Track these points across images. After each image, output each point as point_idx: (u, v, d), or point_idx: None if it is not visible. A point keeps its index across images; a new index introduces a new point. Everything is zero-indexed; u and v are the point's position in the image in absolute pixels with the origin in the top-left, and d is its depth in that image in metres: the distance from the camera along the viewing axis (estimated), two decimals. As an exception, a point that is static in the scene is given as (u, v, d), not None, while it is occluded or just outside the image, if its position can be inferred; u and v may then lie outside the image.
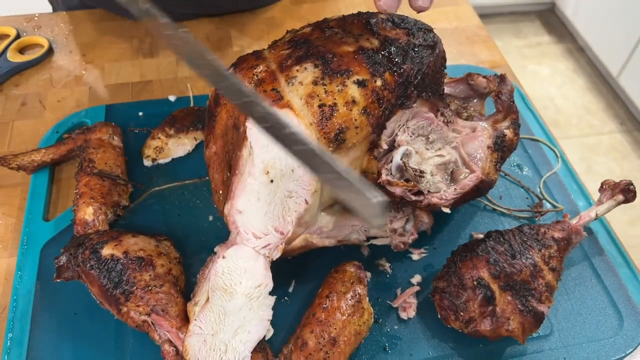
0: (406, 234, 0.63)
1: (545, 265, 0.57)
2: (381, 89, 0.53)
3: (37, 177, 0.71)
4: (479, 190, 0.60)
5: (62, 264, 0.57)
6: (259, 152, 0.52)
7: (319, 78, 0.52)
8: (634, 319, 0.61)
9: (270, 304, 0.55)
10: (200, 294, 0.56)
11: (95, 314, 0.59)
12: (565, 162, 0.76)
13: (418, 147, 0.57)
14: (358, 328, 0.56)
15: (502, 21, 2.94)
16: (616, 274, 0.64)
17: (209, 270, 0.56)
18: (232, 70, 0.56)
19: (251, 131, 0.52)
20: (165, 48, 0.91)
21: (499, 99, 0.64)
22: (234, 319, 0.54)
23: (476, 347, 0.58)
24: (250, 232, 0.54)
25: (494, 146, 0.61)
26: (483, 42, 0.95)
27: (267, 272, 0.55)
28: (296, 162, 0.50)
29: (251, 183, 0.53)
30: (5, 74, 0.84)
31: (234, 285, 0.54)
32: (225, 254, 0.55)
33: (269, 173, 0.52)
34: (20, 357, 0.56)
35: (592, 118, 2.47)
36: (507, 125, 0.63)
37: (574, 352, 0.58)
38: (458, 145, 0.60)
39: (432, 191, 0.57)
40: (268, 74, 0.54)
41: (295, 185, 0.53)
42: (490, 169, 0.60)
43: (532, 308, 0.55)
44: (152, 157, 0.73)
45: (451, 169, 0.59)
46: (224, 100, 0.57)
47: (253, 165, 0.52)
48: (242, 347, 0.53)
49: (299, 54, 0.54)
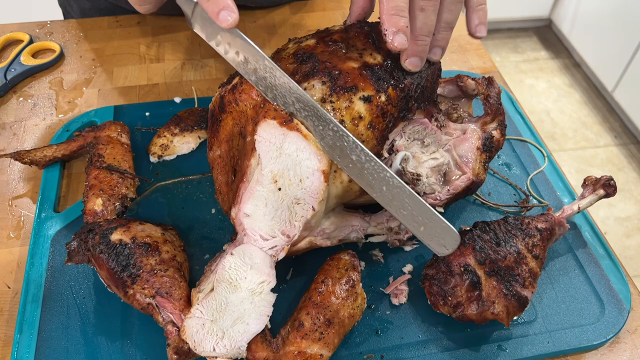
0: (401, 232, 0.66)
1: (528, 253, 0.61)
2: (385, 103, 0.56)
3: (49, 171, 0.74)
4: (469, 190, 0.64)
5: (73, 248, 0.61)
6: (267, 163, 0.55)
7: (327, 95, 0.54)
8: (615, 306, 0.64)
9: (271, 300, 0.57)
10: (205, 283, 0.59)
11: (102, 298, 0.62)
12: (552, 161, 0.79)
13: (414, 150, 0.61)
14: (352, 311, 0.59)
15: (500, 37, 3.00)
16: (598, 265, 0.68)
17: (217, 264, 0.60)
18: (238, 79, 0.59)
19: (260, 144, 0.55)
20: (171, 53, 0.95)
21: (487, 102, 0.67)
22: (234, 310, 0.56)
23: (464, 331, 0.61)
24: (258, 234, 0.57)
25: (482, 147, 0.64)
26: (475, 50, 0.99)
27: (271, 271, 0.58)
28: (304, 173, 0.54)
29: (259, 190, 0.56)
30: (19, 76, 0.89)
31: (239, 279, 0.57)
32: (233, 251, 0.58)
33: (277, 182, 0.55)
34: (31, 336, 0.59)
35: (587, 131, 2.51)
36: (495, 126, 0.67)
37: (557, 337, 0.61)
38: (451, 148, 0.63)
39: (427, 192, 0.61)
40: None
41: (303, 194, 0.55)
42: (480, 169, 0.64)
43: (516, 292, 0.58)
44: (158, 154, 0.76)
45: (444, 171, 0.63)
46: (229, 108, 0.60)
47: (261, 175, 0.55)
48: (239, 337, 0.55)
49: (305, 70, 0.56)
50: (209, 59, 0.95)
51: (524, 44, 2.96)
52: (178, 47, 0.97)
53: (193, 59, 0.95)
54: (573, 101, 2.64)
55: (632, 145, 2.43)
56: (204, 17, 0.56)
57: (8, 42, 0.95)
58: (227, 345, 0.55)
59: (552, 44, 2.95)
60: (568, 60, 2.84)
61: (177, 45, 0.97)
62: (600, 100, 2.62)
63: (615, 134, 2.48)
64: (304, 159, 0.54)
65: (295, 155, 0.54)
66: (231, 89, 0.59)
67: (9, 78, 0.88)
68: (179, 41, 0.98)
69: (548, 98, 2.65)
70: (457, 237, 0.56)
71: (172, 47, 0.97)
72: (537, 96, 2.65)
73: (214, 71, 0.93)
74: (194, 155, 0.78)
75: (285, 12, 1.05)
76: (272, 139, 0.54)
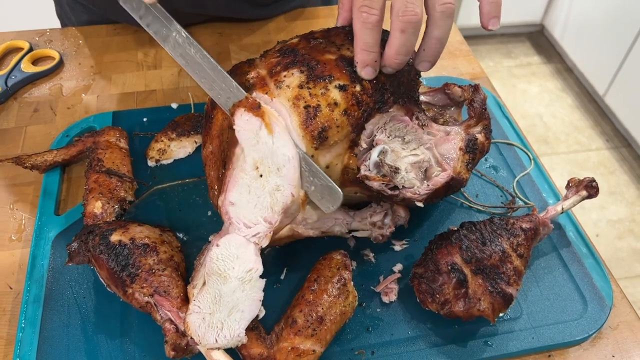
0: (384, 227, 0.69)
1: (513, 252, 0.63)
2: (360, 93, 0.59)
3: (49, 175, 0.77)
4: (450, 187, 0.65)
5: (73, 249, 0.63)
6: (249, 151, 0.58)
7: (304, 82, 0.58)
8: (597, 303, 0.66)
9: (261, 286, 0.59)
10: (197, 278, 0.61)
11: (102, 297, 0.64)
12: (538, 164, 0.82)
13: (394, 146, 0.63)
14: (343, 309, 0.61)
15: (493, 42, 3.03)
16: (582, 263, 0.70)
17: (205, 257, 0.62)
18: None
19: (239, 133, 0.58)
20: (168, 60, 0.98)
21: (471, 106, 0.69)
22: (228, 300, 0.59)
23: (452, 328, 0.64)
24: (242, 222, 0.60)
25: (465, 148, 0.66)
26: (464, 56, 1.02)
27: (257, 258, 0.60)
28: (281, 161, 0.57)
29: (243, 177, 0.59)
30: (19, 83, 0.91)
31: (228, 270, 0.59)
32: (219, 242, 0.60)
33: (259, 168, 0.58)
34: (33, 335, 0.61)
35: (579, 135, 2.54)
36: (479, 130, 0.69)
37: (541, 332, 0.64)
38: (432, 147, 0.65)
39: (406, 186, 0.63)
40: (259, 79, 0.60)
41: (282, 181, 0.58)
42: (462, 168, 0.66)
43: (501, 290, 0.61)
44: (155, 158, 0.79)
45: (425, 168, 0.65)
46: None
47: (245, 162, 0.59)
48: (236, 325, 0.58)
49: (286, 62, 0.60)
50: (205, 65, 0.97)
51: (517, 49, 2.99)
52: (175, 54, 0.99)
53: (189, 66, 0.97)
54: (565, 105, 2.67)
55: (623, 149, 2.46)
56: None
57: (8, 49, 0.97)
58: (227, 335, 0.57)
59: (545, 49, 2.99)
60: (560, 65, 2.88)
61: (173, 53, 0.99)
62: (592, 105, 2.66)
63: (606, 138, 2.52)
64: (279, 147, 0.57)
65: (271, 143, 0.57)
66: None
67: (9, 85, 0.90)
68: (175, 48, 1.00)
69: (540, 102, 2.68)
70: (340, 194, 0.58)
71: (169, 54, 0.99)
72: (529, 100, 2.68)
73: (210, 77, 0.95)
74: (190, 159, 0.80)
75: (280, 21, 1.07)
76: (248, 126, 0.58)
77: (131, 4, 0.62)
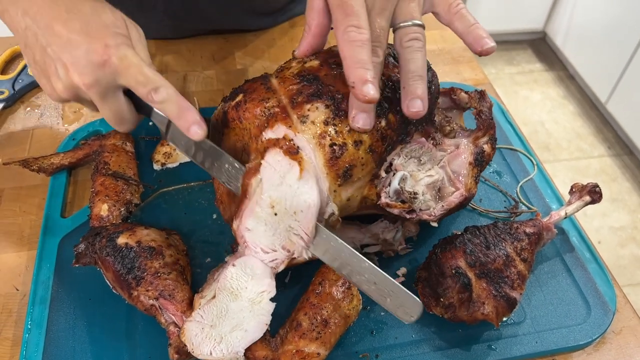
0: (395, 243, 0.69)
1: (517, 256, 0.63)
2: (385, 128, 0.58)
3: (56, 178, 0.77)
4: (462, 205, 0.66)
5: (80, 251, 0.63)
6: (268, 189, 0.57)
7: (330, 119, 0.56)
8: (600, 308, 0.66)
9: (270, 310, 0.59)
10: (208, 290, 0.61)
11: (108, 299, 0.65)
12: (541, 170, 0.82)
13: (411, 169, 0.63)
14: (347, 312, 0.61)
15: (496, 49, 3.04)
16: (585, 268, 0.70)
17: (219, 274, 0.62)
18: (242, 97, 0.61)
19: (265, 169, 0.57)
20: (173, 65, 0.98)
21: (479, 117, 0.69)
22: (234, 317, 0.59)
23: (455, 332, 0.64)
24: (259, 247, 0.60)
25: (474, 162, 0.66)
26: (467, 62, 1.03)
27: (271, 282, 0.60)
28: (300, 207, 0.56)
29: (258, 211, 0.58)
30: (27, 87, 0.92)
31: (240, 289, 0.59)
32: (235, 262, 0.60)
33: (274, 207, 0.57)
34: (40, 336, 0.61)
35: (581, 142, 2.54)
36: (486, 140, 0.68)
37: (545, 337, 0.64)
38: (445, 165, 0.65)
39: (423, 209, 0.63)
40: (280, 109, 0.58)
41: (296, 225, 0.57)
42: (472, 184, 0.66)
43: (505, 294, 0.61)
44: (161, 162, 0.79)
45: (439, 186, 0.65)
46: (233, 124, 0.62)
47: (261, 198, 0.57)
48: (237, 342, 0.58)
49: (309, 92, 0.58)
50: (210, 70, 0.98)
51: (519, 57, 3.00)
52: (180, 60, 1.00)
53: (195, 71, 0.98)
54: (567, 112, 2.68)
55: (625, 156, 2.46)
56: (177, 131, 0.60)
57: (16, 54, 0.98)
58: (224, 349, 0.57)
59: (547, 56, 3.00)
60: (562, 73, 2.89)
61: (179, 58, 1.00)
62: (594, 112, 2.66)
63: (608, 145, 2.52)
64: (302, 193, 0.56)
65: (295, 187, 0.56)
66: (235, 106, 0.61)
67: (16, 89, 0.90)
68: (181, 53, 1.01)
69: (542, 109, 2.69)
70: (420, 305, 0.55)
71: (174, 59, 1.00)
72: (531, 107, 2.69)
73: (215, 82, 0.96)
74: (195, 164, 0.80)
75: (284, 26, 1.08)
76: (277, 167, 0.56)
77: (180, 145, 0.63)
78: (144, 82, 0.56)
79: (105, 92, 0.58)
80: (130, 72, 0.56)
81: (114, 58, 0.55)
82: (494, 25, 2.89)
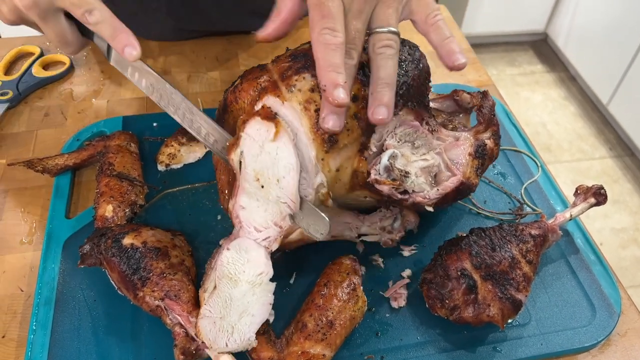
0: (394, 231, 0.69)
1: (522, 258, 0.63)
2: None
3: (60, 179, 0.77)
4: (459, 192, 0.66)
5: (85, 251, 0.63)
6: (250, 161, 0.58)
7: (315, 86, 0.58)
8: (606, 310, 0.66)
9: (271, 289, 0.60)
10: (208, 282, 0.62)
11: (113, 301, 0.65)
12: (545, 171, 0.82)
13: (404, 151, 0.63)
14: (353, 313, 0.61)
15: (497, 50, 3.04)
16: (590, 270, 0.70)
17: (215, 261, 0.62)
18: (239, 81, 0.63)
19: (244, 141, 0.58)
20: (177, 66, 0.98)
21: (480, 112, 0.70)
22: (239, 303, 0.59)
23: (461, 333, 0.64)
24: (252, 226, 0.60)
25: (474, 153, 0.67)
26: (471, 64, 1.03)
27: (267, 261, 0.60)
28: (281, 172, 0.57)
29: (247, 187, 0.59)
30: (31, 87, 0.92)
31: (238, 273, 0.60)
32: (229, 246, 0.61)
33: (259, 180, 0.58)
34: (44, 338, 0.61)
35: (583, 143, 2.54)
36: (488, 136, 0.69)
37: (550, 339, 0.64)
38: (441, 152, 0.66)
39: (416, 191, 0.63)
40: (270, 83, 0.60)
41: (281, 192, 0.58)
42: (471, 173, 0.66)
43: (510, 296, 0.61)
44: (165, 163, 0.79)
45: (435, 172, 0.65)
46: (231, 107, 0.63)
47: (245, 172, 0.59)
48: (246, 329, 0.58)
49: (298, 66, 0.60)
50: (214, 71, 0.98)
51: (520, 58, 3.01)
52: (183, 60, 1.00)
53: (199, 72, 0.98)
54: (568, 114, 2.68)
55: (626, 157, 2.46)
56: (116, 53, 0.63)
57: (20, 54, 0.98)
58: (237, 339, 0.57)
59: (548, 57, 3.00)
60: (563, 74, 2.89)
61: (182, 58, 1.00)
62: (595, 113, 2.67)
63: (610, 146, 2.52)
64: (282, 158, 0.57)
65: (275, 154, 0.57)
66: (232, 90, 0.63)
67: (20, 89, 0.90)
68: (184, 54, 1.01)
69: (544, 110, 2.69)
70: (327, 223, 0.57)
71: (177, 60, 1.00)
72: (533, 109, 2.69)
73: (219, 83, 0.96)
74: (200, 164, 0.80)
75: (287, 26, 1.08)
76: (256, 136, 0.57)
77: (125, 70, 0.65)
78: (79, 4, 0.59)
79: (45, 14, 0.61)
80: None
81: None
82: (496, 26, 2.89)
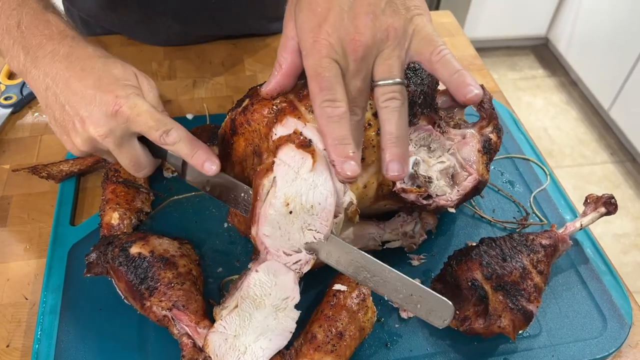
0: (416, 235, 0.69)
1: (533, 268, 0.63)
2: None
3: (65, 185, 0.76)
4: (476, 190, 0.66)
5: (92, 260, 0.62)
6: (282, 186, 0.56)
7: None
8: (617, 321, 0.66)
9: (294, 317, 0.59)
10: (230, 301, 0.60)
11: (119, 310, 0.64)
12: (554, 179, 0.82)
13: (422, 156, 0.63)
14: (362, 324, 0.60)
15: (498, 55, 3.04)
16: (600, 281, 0.70)
17: (242, 282, 0.61)
18: (248, 101, 0.61)
19: (278, 167, 0.57)
20: (182, 71, 0.98)
21: (482, 108, 0.70)
22: (258, 325, 0.58)
23: (471, 344, 0.63)
24: (281, 250, 0.59)
25: (483, 150, 0.67)
26: (478, 70, 1.02)
27: (295, 286, 0.59)
28: (317, 199, 0.56)
29: (271, 214, 0.57)
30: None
31: (264, 296, 0.59)
32: (258, 268, 0.59)
33: (289, 205, 0.57)
34: (49, 347, 0.60)
35: (584, 148, 2.54)
36: (491, 130, 0.69)
37: (561, 350, 0.63)
38: (455, 152, 0.66)
39: (439, 194, 0.63)
40: (287, 103, 0.58)
41: (313, 220, 0.57)
42: (483, 170, 0.66)
43: (521, 307, 0.60)
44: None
45: (451, 173, 0.65)
46: (241, 129, 0.62)
47: (275, 197, 0.57)
48: (260, 353, 0.57)
49: None
50: (219, 76, 0.97)
51: (522, 62, 3.00)
52: (189, 65, 0.99)
53: (204, 77, 0.97)
54: (570, 119, 2.68)
55: (628, 163, 2.46)
56: (193, 170, 0.64)
57: (23, 58, 0.97)
58: None
59: (549, 62, 2.99)
60: (565, 79, 2.89)
61: (187, 63, 1.00)
62: (597, 118, 2.66)
63: (611, 152, 2.52)
64: (318, 185, 0.56)
65: (311, 181, 0.56)
66: (242, 111, 0.61)
67: (24, 94, 0.90)
68: (189, 59, 1.00)
69: (545, 115, 2.69)
70: (451, 307, 0.54)
71: (183, 65, 0.99)
72: (534, 113, 2.69)
73: (224, 89, 0.95)
74: (206, 171, 0.80)
75: (293, 31, 1.08)
76: (291, 162, 0.56)
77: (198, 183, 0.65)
78: (156, 127, 0.60)
79: (120, 141, 0.61)
80: (142, 119, 0.60)
81: (125, 107, 0.59)
82: (497, 31, 2.89)
